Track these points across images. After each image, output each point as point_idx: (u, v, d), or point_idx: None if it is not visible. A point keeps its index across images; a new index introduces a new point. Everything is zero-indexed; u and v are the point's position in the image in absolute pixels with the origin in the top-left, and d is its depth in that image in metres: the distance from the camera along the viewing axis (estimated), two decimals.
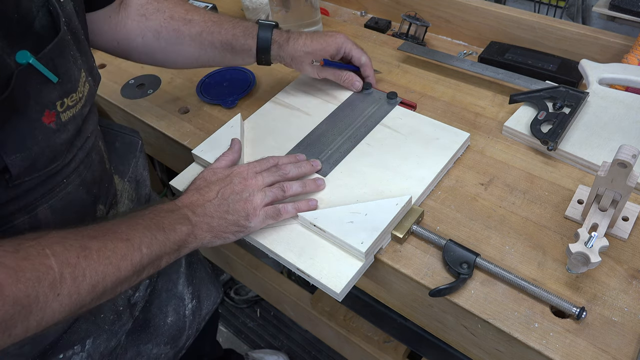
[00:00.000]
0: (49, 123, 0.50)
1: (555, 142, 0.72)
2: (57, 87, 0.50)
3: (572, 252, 0.56)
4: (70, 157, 0.56)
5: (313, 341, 1.51)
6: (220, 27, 0.78)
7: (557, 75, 0.89)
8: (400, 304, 0.73)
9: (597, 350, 0.55)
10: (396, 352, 1.12)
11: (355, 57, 0.83)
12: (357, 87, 0.85)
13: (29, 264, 0.44)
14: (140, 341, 0.73)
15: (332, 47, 0.80)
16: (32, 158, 0.50)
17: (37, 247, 0.45)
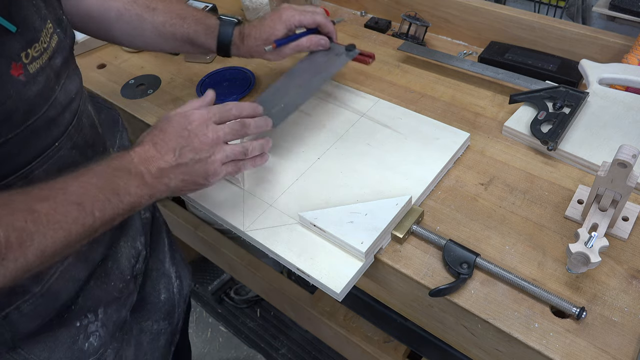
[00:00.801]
0: (17, 75, 0.50)
1: (555, 142, 0.72)
2: (18, 37, 0.49)
3: (572, 252, 0.56)
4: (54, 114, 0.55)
5: (313, 341, 1.51)
6: (183, 21, 0.78)
7: (557, 75, 0.89)
8: (400, 304, 0.73)
9: (597, 350, 0.55)
10: (396, 352, 1.12)
11: (307, 23, 0.80)
12: (324, 44, 0.82)
13: None
14: (141, 319, 0.75)
15: (280, 29, 0.78)
16: (7, 112, 0.49)
17: None
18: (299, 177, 0.74)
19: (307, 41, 0.81)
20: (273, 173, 0.76)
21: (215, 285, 1.65)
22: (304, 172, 0.75)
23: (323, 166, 0.76)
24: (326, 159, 0.77)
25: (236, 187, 0.75)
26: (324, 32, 0.83)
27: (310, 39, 0.81)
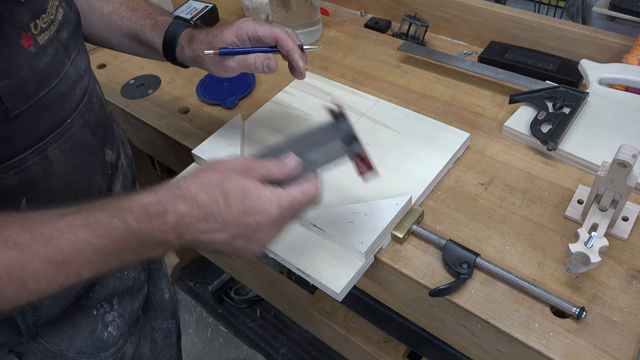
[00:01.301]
0: (28, 46, 0.49)
1: (555, 142, 0.72)
2: (26, 7, 0.49)
3: (572, 252, 0.56)
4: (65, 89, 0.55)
5: (313, 341, 1.51)
6: (132, 14, 0.69)
7: (557, 75, 0.89)
8: (400, 304, 0.73)
9: (597, 350, 0.55)
10: (396, 352, 1.12)
11: (264, 36, 0.65)
12: (272, 67, 0.66)
13: None
14: (150, 318, 0.76)
15: (229, 35, 0.65)
16: (18, 83, 0.48)
17: None
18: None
19: (254, 58, 0.65)
20: None
21: (215, 285, 1.65)
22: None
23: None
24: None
25: None
26: (282, 51, 0.67)
27: (257, 56, 0.65)
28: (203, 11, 1.10)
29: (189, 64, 0.70)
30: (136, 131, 1.00)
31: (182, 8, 1.12)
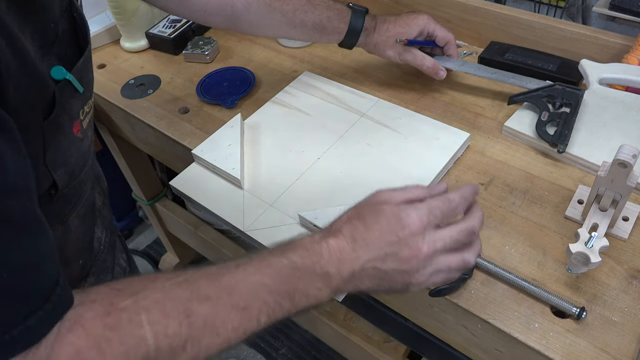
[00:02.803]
0: (76, 133, 0.50)
1: (564, 145, 0.72)
2: (81, 97, 0.50)
3: (572, 252, 0.56)
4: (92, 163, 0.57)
5: (313, 341, 1.51)
6: (314, 8, 0.79)
7: (557, 75, 0.89)
8: (400, 304, 0.72)
9: (597, 350, 0.55)
10: (396, 352, 1.12)
11: (440, 37, 0.83)
12: (441, 76, 0.84)
13: (116, 336, 0.37)
14: None
15: (415, 29, 0.81)
16: (71, 169, 0.50)
17: (131, 310, 0.39)
18: (299, 177, 0.74)
19: (430, 63, 0.83)
20: (273, 173, 0.76)
21: None
22: (304, 172, 0.75)
23: (323, 166, 0.76)
24: (326, 159, 0.77)
25: (236, 187, 0.75)
26: (447, 52, 0.85)
27: (435, 63, 0.83)
28: None
29: (367, 48, 0.84)
30: (136, 131, 1.00)
31: None
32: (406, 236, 0.48)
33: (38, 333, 0.35)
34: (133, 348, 0.38)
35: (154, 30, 1.06)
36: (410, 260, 0.48)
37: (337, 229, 0.49)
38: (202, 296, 0.42)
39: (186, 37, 1.06)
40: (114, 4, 1.02)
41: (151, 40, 1.07)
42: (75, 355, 0.36)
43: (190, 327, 0.40)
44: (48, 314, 0.36)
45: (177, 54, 1.06)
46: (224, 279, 0.44)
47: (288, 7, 0.78)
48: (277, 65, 1.00)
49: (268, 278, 0.45)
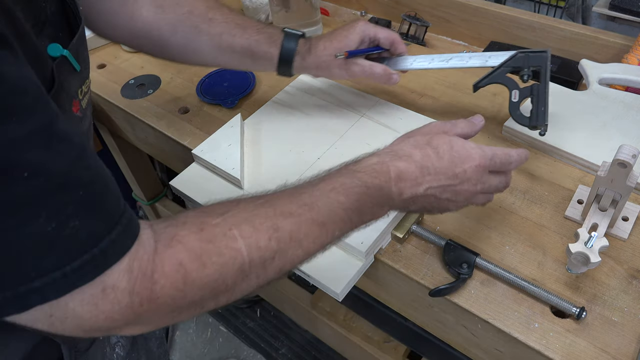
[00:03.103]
0: (76, 112, 0.50)
1: (545, 125, 0.68)
2: (78, 75, 0.50)
3: (572, 252, 0.56)
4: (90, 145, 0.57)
5: (313, 341, 1.51)
6: (243, 31, 0.72)
7: (557, 75, 0.89)
8: (400, 304, 0.73)
9: (597, 350, 0.55)
10: (396, 352, 1.12)
11: (383, 38, 0.75)
12: (395, 80, 0.76)
13: (214, 247, 0.41)
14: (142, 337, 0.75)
15: (354, 39, 0.73)
16: None
17: (223, 226, 0.42)
18: (299, 177, 0.74)
19: (381, 69, 0.74)
20: (273, 173, 0.76)
21: None
22: (304, 172, 0.75)
23: (323, 166, 0.75)
24: (326, 159, 0.77)
25: (236, 187, 0.75)
26: (395, 53, 0.77)
27: (385, 69, 0.74)
28: None
29: (309, 72, 0.76)
30: (136, 131, 1.00)
31: None
32: (469, 171, 0.53)
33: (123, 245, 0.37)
34: (230, 259, 0.41)
35: None
36: (463, 193, 0.54)
37: (407, 154, 0.53)
38: (286, 212, 0.45)
39: None
40: None
41: None
42: (178, 267, 0.39)
43: (278, 240, 0.44)
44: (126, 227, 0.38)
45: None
46: (304, 196, 0.47)
47: (215, 30, 0.72)
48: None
49: (343, 197, 0.48)
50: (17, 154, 0.32)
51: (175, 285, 0.39)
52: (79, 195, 0.35)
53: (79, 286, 0.35)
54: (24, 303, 0.34)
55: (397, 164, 0.52)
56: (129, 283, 0.37)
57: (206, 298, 0.41)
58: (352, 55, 0.73)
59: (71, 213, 0.35)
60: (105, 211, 0.37)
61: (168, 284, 0.39)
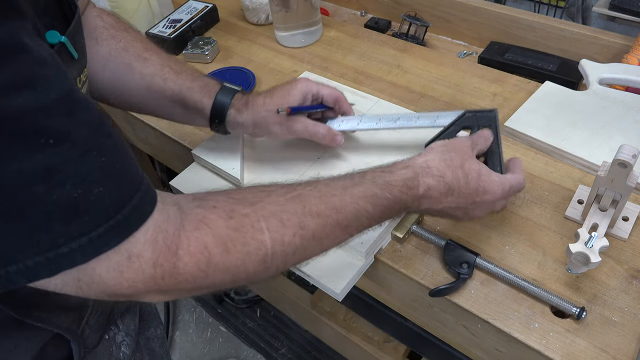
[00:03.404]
0: None
1: None
2: (76, 63, 0.49)
3: (572, 252, 0.56)
4: None
5: (313, 341, 1.51)
6: (176, 75, 0.68)
7: (557, 75, 0.89)
8: (400, 304, 0.73)
9: (597, 350, 0.55)
10: (396, 352, 1.12)
11: (327, 97, 0.71)
12: (339, 142, 0.71)
13: (240, 236, 0.42)
14: (143, 329, 0.75)
15: (297, 96, 0.68)
16: None
17: (252, 217, 0.44)
18: (299, 177, 0.74)
19: (324, 130, 0.70)
20: (273, 173, 0.76)
21: None
22: (304, 172, 0.75)
23: (323, 166, 0.76)
24: (326, 159, 0.76)
25: (236, 187, 0.75)
26: (340, 111, 0.73)
27: (329, 130, 0.70)
28: (203, 11, 1.10)
29: (245, 129, 0.70)
30: (136, 131, 1.00)
31: (182, 8, 1.12)
32: (485, 201, 0.57)
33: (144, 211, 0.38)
34: (254, 250, 0.43)
35: (154, 30, 1.06)
36: (471, 214, 0.59)
37: (440, 173, 0.55)
38: (314, 212, 0.47)
39: (186, 37, 1.06)
40: (114, 4, 1.02)
41: (151, 40, 1.07)
42: (203, 249, 0.40)
43: (302, 238, 0.46)
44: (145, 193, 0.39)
45: (177, 54, 1.06)
46: (334, 199, 0.49)
47: (148, 70, 0.67)
48: (277, 65, 1.00)
49: (371, 207, 0.51)
50: (43, 122, 0.33)
51: (198, 266, 0.40)
52: (101, 161, 0.36)
53: (104, 251, 0.36)
54: (54, 267, 0.35)
55: (427, 181, 0.54)
56: (154, 254, 0.38)
57: (226, 282, 0.43)
58: (294, 111, 0.68)
59: (95, 179, 0.35)
60: (126, 178, 0.38)
61: (191, 263, 0.40)
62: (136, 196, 0.38)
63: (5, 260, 0.34)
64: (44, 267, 0.35)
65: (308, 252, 0.47)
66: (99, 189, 0.35)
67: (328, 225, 0.48)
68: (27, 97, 0.32)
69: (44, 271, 0.35)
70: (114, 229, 0.36)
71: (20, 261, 0.34)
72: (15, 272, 0.34)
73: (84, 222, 0.35)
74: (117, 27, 0.68)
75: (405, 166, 0.55)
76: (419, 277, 0.63)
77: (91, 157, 0.35)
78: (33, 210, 0.33)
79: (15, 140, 0.32)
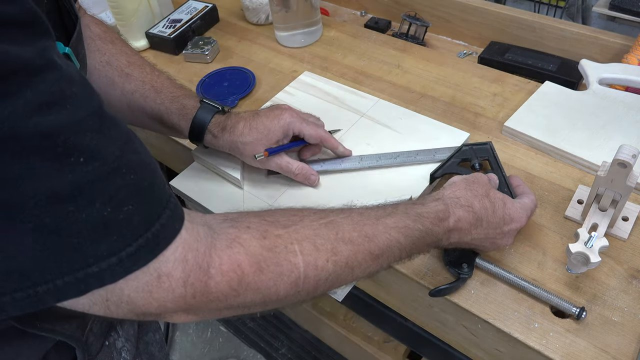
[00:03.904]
0: None
1: None
2: None
3: (572, 252, 0.56)
4: None
5: (313, 341, 1.51)
6: (156, 95, 0.68)
7: (557, 75, 0.89)
8: (400, 304, 0.72)
9: (597, 350, 0.55)
10: (396, 352, 1.12)
11: (308, 136, 0.70)
12: (313, 181, 0.71)
13: (274, 257, 0.42)
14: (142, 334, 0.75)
15: (276, 133, 0.67)
16: None
17: (285, 239, 0.44)
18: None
19: (298, 169, 0.70)
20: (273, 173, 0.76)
21: None
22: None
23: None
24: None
25: (236, 187, 0.75)
26: (328, 148, 0.74)
27: (302, 169, 0.70)
28: (203, 11, 1.10)
29: (222, 149, 0.70)
30: (136, 131, 1.00)
31: (182, 8, 1.12)
32: (511, 230, 0.59)
33: (173, 230, 0.38)
34: (287, 271, 0.43)
35: (154, 30, 1.06)
36: (500, 245, 0.60)
37: (468, 203, 0.56)
38: (347, 239, 0.47)
39: (186, 37, 1.06)
40: (114, 4, 1.02)
41: (151, 40, 1.07)
42: (236, 267, 0.40)
43: (335, 264, 0.46)
44: (173, 211, 0.38)
45: (177, 54, 1.06)
46: (366, 228, 0.49)
47: (129, 87, 0.67)
48: (277, 65, 1.00)
49: (403, 238, 0.51)
50: (73, 140, 0.33)
51: (230, 284, 0.40)
52: (130, 179, 0.35)
53: (133, 271, 0.36)
54: (83, 287, 0.35)
55: (457, 212, 0.55)
56: (184, 273, 0.37)
57: (256, 303, 0.43)
58: (272, 153, 0.68)
59: (124, 197, 0.35)
60: (155, 195, 0.38)
61: (224, 281, 0.39)
62: (164, 214, 0.37)
63: (35, 280, 0.33)
64: (72, 287, 0.34)
65: (340, 279, 0.47)
66: (128, 207, 0.35)
67: (360, 253, 0.48)
68: (58, 115, 0.32)
69: (72, 291, 0.35)
70: (143, 248, 0.36)
71: (50, 281, 0.33)
72: (45, 292, 0.34)
73: (113, 242, 0.35)
74: (104, 38, 0.68)
75: (436, 199, 0.56)
76: (419, 277, 0.63)
77: (120, 175, 0.35)
78: (63, 230, 0.33)
79: (46, 159, 0.31)
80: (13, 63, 0.30)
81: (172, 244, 0.37)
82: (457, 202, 0.56)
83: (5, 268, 0.33)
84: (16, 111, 0.30)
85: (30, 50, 0.31)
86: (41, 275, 0.33)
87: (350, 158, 0.74)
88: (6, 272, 0.33)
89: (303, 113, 0.72)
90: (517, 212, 0.59)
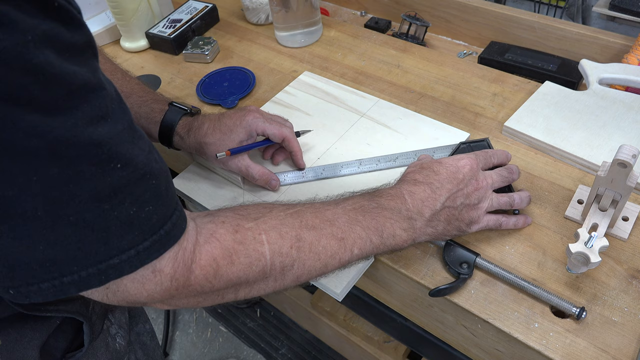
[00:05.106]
0: None
1: None
2: None
3: (572, 252, 0.56)
4: None
5: (313, 341, 1.51)
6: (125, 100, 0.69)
7: (557, 75, 0.89)
8: (400, 304, 0.73)
9: (597, 350, 0.55)
10: (396, 352, 1.12)
11: (272, 135, 0.71)
12: (273, 186, 0.72)
13: (244, 249, 0.46)
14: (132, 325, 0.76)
15: (239, 134, 0.68)
16: None
17: (254, 230, 0.48)
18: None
19: (260, 174, 0.71)
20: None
21: None
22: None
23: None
24: (325, 159, 0.77)
25: (236, 187, 0.75)
26: (287, 149, 0.73)
27: (262, 174, 0.71)
28: (203, 11, 1.10)
29: (189, 151, 0.73)
30: None
31: (182, 8, 1.12)
32: (466, 173, 0.60)
33: (180, 229, 0.43)
34: (255, 261, 0.47)
35: (154, 30, 1.06)
36: (473, 193, 0.60)
37: (412, 179, 0.59)
38: (309, 225, 0.51)
39: (186, 37, 1.06)
40: (113, 4, 1.02)
41: (151, 40, 1.07)
42: (212, 262, 0.45)
43: (299, 250, 0.49)
44: (181, 212, 0.44)
45: (177, 54, 1.06)
46: (327, 213, 0.53)
47: None
48: (277, 65, 1.00)
49: (361, 215, 0.54)
50: (114, 149, 0.37)
51: (206, 277, 0.44)
52: (152, 184, 0.41)
53: (146, 263, 0.40)
54: (103, 278, 0.39)
55: (406, 187, 0.58)
56: (172, 269, 0.42)
57: (228, 291, 0.47)
58: (235, 152, 0.69)
59: (147, 199, 0.40)
60: (169, 198, 0.43)
61: (201, 275, 0.44)
62: (174, 215, 0.43)
63: (62, 271, 0.37)
64: (94, 278, 0.38)
65: (307, 265, 0.50)
66: (149, 207, 0.40)
67: (324, 237, 0.51)
68: (104, 127, 0.37)
69: (94, 282, 0.39)
70: (157, 242, 0.41)
71: (75, 272, 0.38)
72: (70, 282, 0.38)
73: (134, 236, 0.39)
74: None
75: (387, 184, 0.61)
76: (419, 277, 0.63)
77: (145, 180, 0.40)
78: (97, 225, 0.37)
79: (93, 164, 0.36)
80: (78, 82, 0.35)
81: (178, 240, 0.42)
82: (402, 181, 0.60)
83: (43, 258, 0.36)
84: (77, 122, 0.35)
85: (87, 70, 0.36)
86: (69, 266, 0.37)
87: (350, 163, 0.75)
88: (42, 262, 0.36)
89: (269, 114, 0.73)
90: (456, 160, 0.61)
